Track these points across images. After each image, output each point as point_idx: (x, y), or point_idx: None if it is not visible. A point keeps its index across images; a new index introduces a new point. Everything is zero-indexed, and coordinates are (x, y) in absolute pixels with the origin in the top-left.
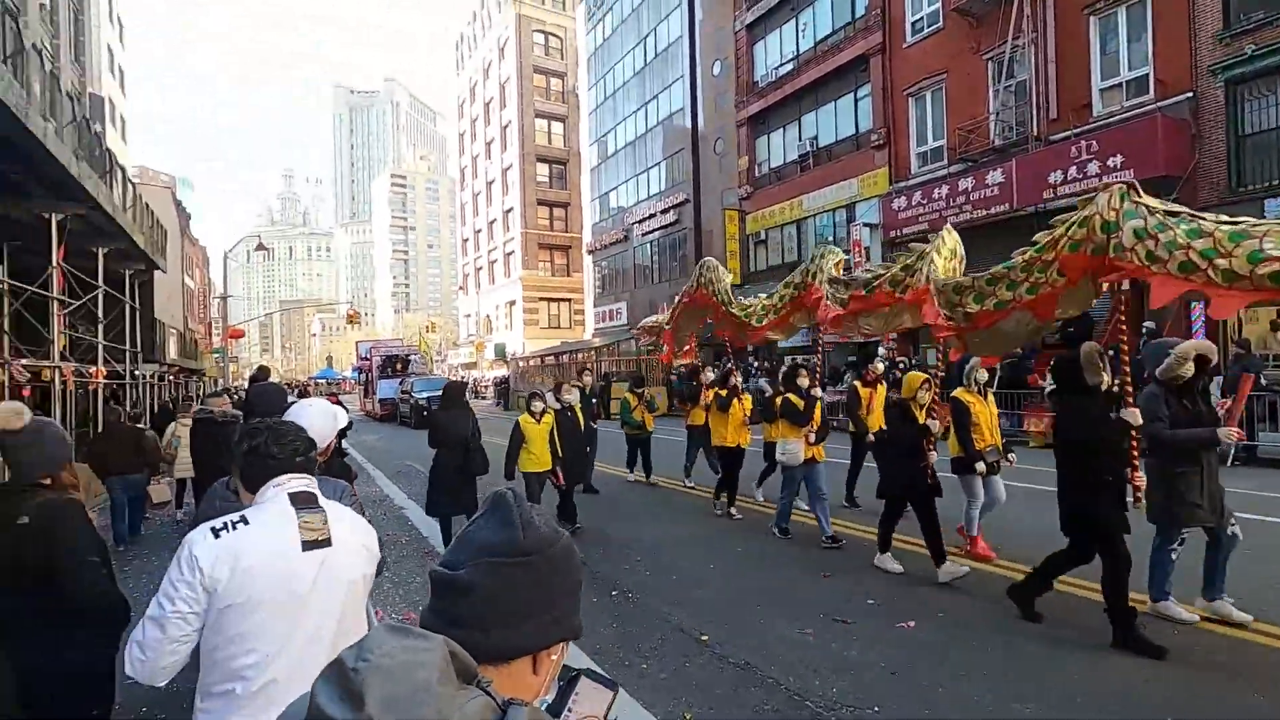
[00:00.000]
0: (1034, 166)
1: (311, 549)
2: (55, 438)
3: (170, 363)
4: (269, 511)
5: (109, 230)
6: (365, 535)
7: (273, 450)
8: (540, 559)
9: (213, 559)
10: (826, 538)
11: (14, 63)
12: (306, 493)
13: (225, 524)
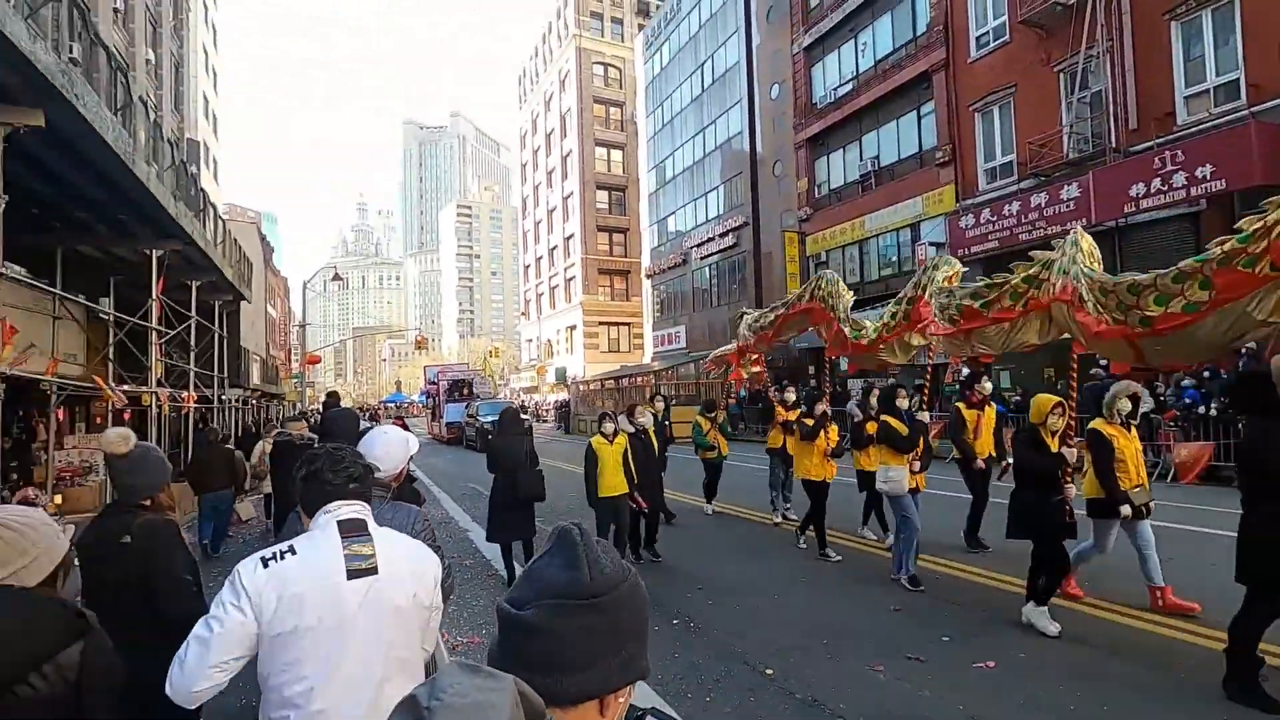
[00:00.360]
0: (1114, 179)
1: (356, 577)
2: (157, 461)
3: (253, 388)
4: (317, 540)
5: (202, 264)
6: (419, 562)
7: (327, 477)
8: (607, 600)
9: (259, 587)
10: (907, 577)
11: (123, 114)
12: (356, 520)
13: (274, 554)
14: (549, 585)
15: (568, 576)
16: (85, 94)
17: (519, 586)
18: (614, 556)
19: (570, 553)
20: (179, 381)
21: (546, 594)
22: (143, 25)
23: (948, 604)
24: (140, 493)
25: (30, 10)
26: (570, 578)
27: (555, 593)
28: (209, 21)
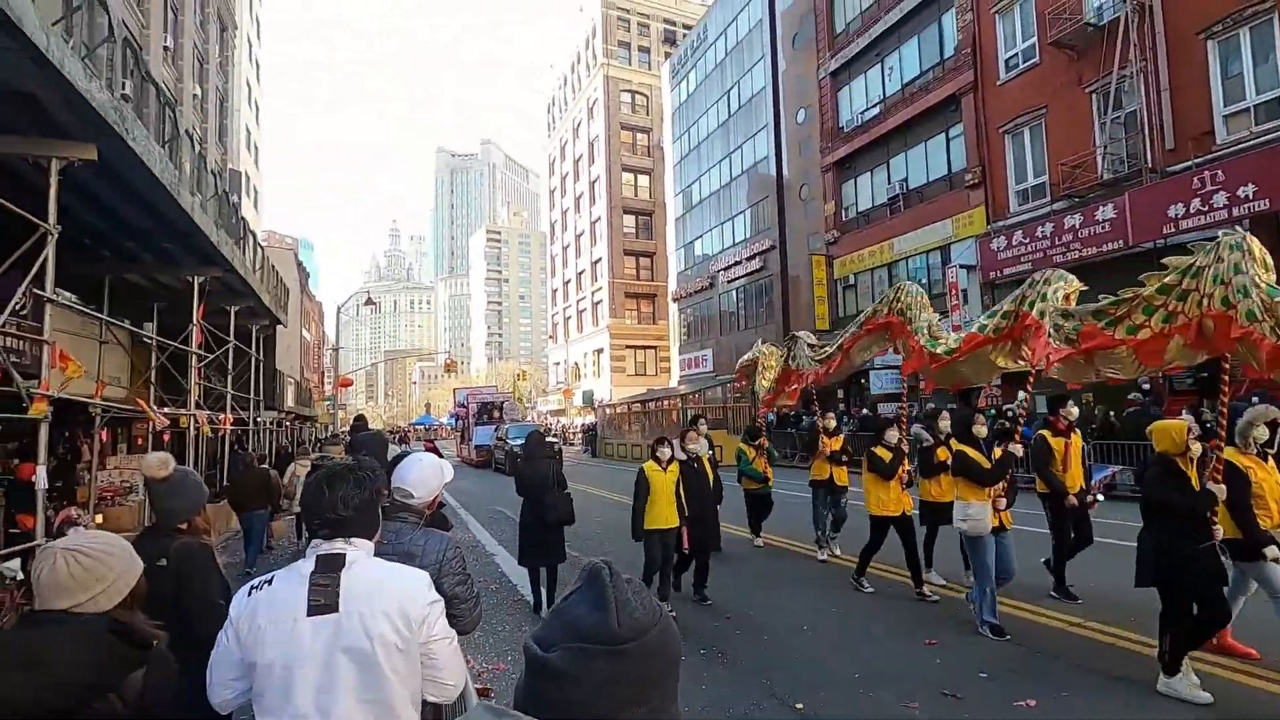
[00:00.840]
0: (1151, 200)
1: (315, 613)
2: (194, 485)
3: (287, 410)
4: (294, 572)
5: (241, 290)
6: (394, 603)
7: (310, 515)
8: (634, 648)
9: (240, 614)
10: (989, 626)
11: (170, 147)
12: (334, 556)
13: (259, 583)
14: (575, 627)
15: (595, 619)
16: (135, 129)
17: (547, 625)
18: (645, 598)
19: (599, 593)
20: (217, 404)
21: (572, 636)
22: (190, 62)
23: (987, 640)
24: (178, 516)
25: (88, 50)
26: (597, 620)
27: (581, 635)
28: (252, 58)
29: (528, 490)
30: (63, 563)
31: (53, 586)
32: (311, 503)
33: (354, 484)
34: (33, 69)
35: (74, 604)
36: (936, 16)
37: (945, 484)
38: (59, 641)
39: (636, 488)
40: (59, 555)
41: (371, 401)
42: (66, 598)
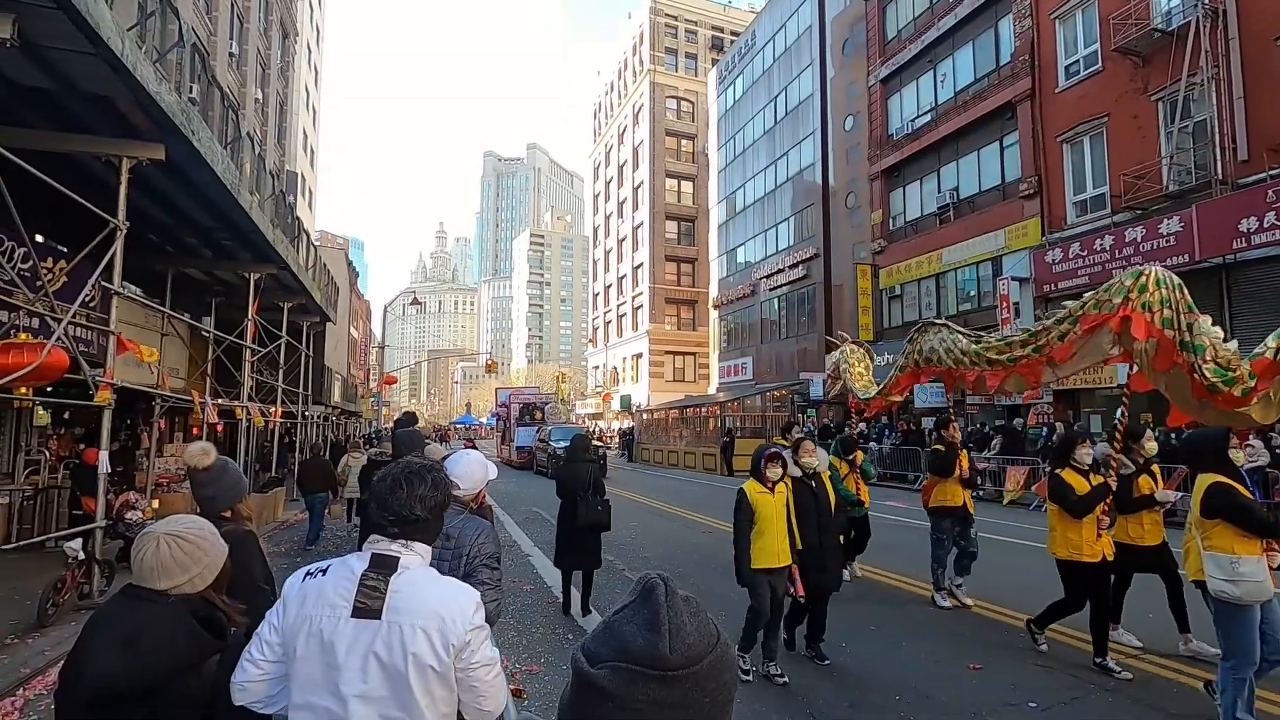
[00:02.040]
0: (1221, 213)
1: (358, 615)
2: (235, 475)
3: (333, 405)
4: (345, 567)
5: (294, 287)
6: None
7: (375, 511)
8: (683, 675)
9: (290, 596)
10: None
11: (232, 148)
12: (388, 557)
13: (315, 570)
14: (625, 647)
15: (645, 641)
16: (201, 130)
17: (598, 638)
18: (701, 621)
19: (652, 613)
20: (268, 397)
21: (621, 655)
22: (253, 68)
23: (1036, 666)
24: (219, 503)
25: (159, 55)
26: (648, 643)
27: (630, 657)
28: (311, 64)
29: (565, 492)
30: (165, 546)
31: (155, 568)
32: (388, 497)
33: (432, 485)
34: (108, 72)
35: (173, 585)
36: (993, 22)
37: (1149, 523)
38: (156, 624)
39: (737, 515)
40: (161, 539)
41: (415, 400)
42: (166, 579)
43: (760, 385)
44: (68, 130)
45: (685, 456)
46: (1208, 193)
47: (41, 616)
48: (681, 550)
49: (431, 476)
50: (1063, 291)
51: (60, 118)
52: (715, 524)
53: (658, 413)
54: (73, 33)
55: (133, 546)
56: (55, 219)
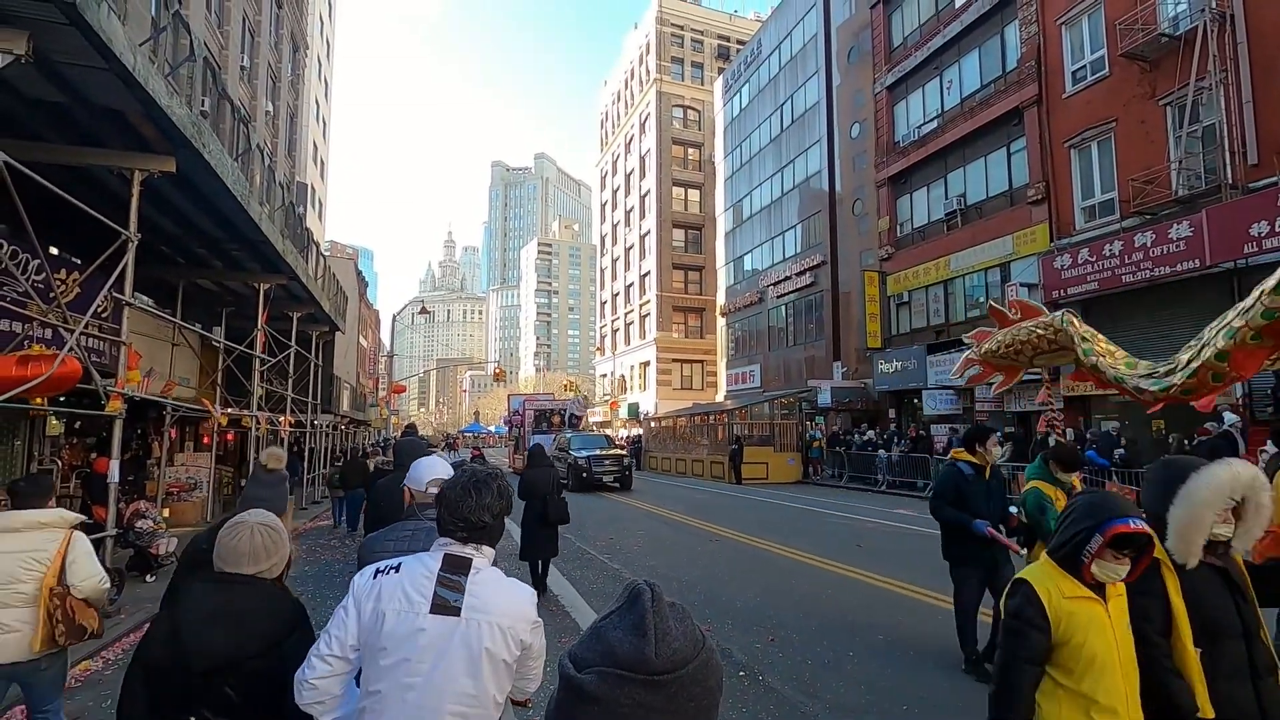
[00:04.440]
0: (1231, 217)
1: (438, 613)
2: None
3: (342, 414)
4: (421, 564)
5: (303, 297)
6: (510, 619)
7: (442, 518)
8: (669, 680)
9: (362, 593)
10: None
11: (243, 161)
12: (462, 559)
13: (385, 567)
14: (611, 651)
15: (632, 645)
16: (211, 143)
17: (585, 643)
18: (687, 627)
19: (639, 618)
20: (277, 406)
21: (608, 660)
22: (264, 81)
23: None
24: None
25: (171, 69)
26: (634, 647)
27: (616, 661)
28: (322, 76)
29: (532, 494)
30: (258, 534)
31: (248, 553)
32: (458, 504)
33: (497, 494)
34: (120, 86)
35: (258, 570)
36: (999, 29)
37: None
38: (255, 600)
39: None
40: (255, 527)
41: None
42: (253, 564)
43: (768, 393)
44: (80, 143)
45: (693, 465)
46: (1217, 197)
47: None
48: (689, 558)
49: (496, 485)
50: (1071, 297)
51: (72, 131)
52: (723, 532)
53: (665, 421)
54: (85, 48)
55: (221, 533)
56: (68, 231)
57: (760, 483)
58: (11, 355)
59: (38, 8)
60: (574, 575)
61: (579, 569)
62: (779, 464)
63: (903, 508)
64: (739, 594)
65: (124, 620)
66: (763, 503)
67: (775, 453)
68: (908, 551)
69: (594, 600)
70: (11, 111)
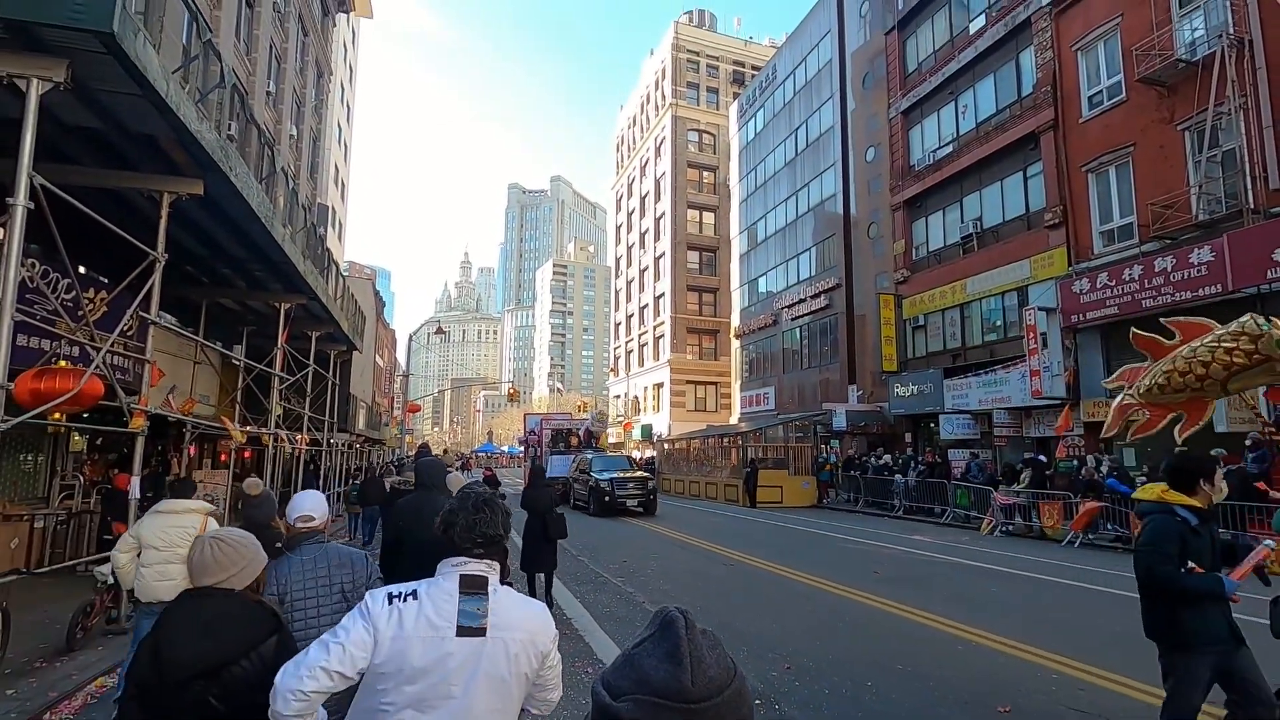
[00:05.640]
0: (1253, 242)
1: (464, 635)
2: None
3: (358, 433)
4: (438, 588)
5: (322, 317)
6: (532, 634)
7: (456, 537)
8: (707, 707)
9: (382, 620)
10: None
11: (267, 183)
12: (479, 577)
13: (400, 593)
14: (646, 679)
15: (667, 673)
16: (238, 166)
17: (618, 670)
18: (720, 654)
19: (673, 645)
20: (294, 424)
21: (643, 688)
22: (289, 105)
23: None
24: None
25: (201, 95)
26: (670, 674)
27: (652, 689)
28: (344, 100)
29: (533, 511)
30: (209, 548)
31: (200, 566)
32: (473, 521)
33: (503, 511)
34: (153, 112)
35: (218, 580)
36: (1013, 54)
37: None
38: (227, 609)
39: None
40: (207, 542)
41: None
42: (209, 576)
43: (783, 415)
44: (113, 167)
45: (707, 487)
46: (1239, 222)
47: (70, 640)
48: (703, 582)
49: (499, 504)
50: (1091, 322)
51: (106, 155)
52: (737, 556)
53: (679, 443)
54: (121, 76)
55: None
56: (96, 250)
57: (775, 506)
58: (37, 370)
59: (78, 37)
60: (588, 599)
61: (593, 592)
62: (794, 488)
63: (919, 533)
64: (754, 620)
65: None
66: (778, 527)
67: (790, 476)
68: (925, 578)
69: (608, 624)
70: (49, 136)
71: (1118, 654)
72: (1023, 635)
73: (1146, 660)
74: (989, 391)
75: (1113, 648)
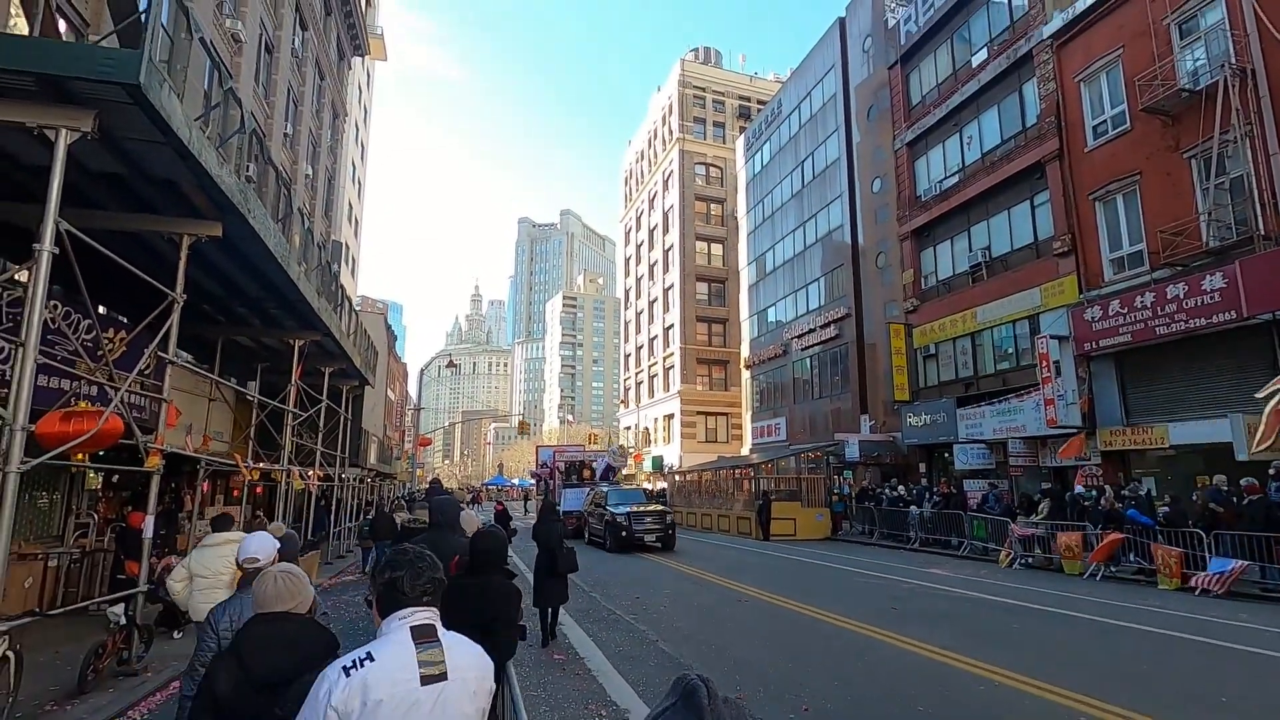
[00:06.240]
0: (1266, 269)
1: (429, 683)
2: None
3: (369, 467)
4: (392, 644)
5: (335, 353)
6: (482, 669)
7: (404, 588)
8: None
9: (345, 696)
10: None
11: (284, 223)
12: (428, 626)
13: (354, 661)
14: None
15: None
16: (256, 209)
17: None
18: (742, 715)
19: (696, 713)
20: (306, 460)
21: None
22: (305, 146)
23: None
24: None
25: (221, 141)
26: None
27: None
28: (359, 140)
29: (542, 546)
30: (281, 581)
31: (276, 595)
32: (422, 571)
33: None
34: (176, 159)
35: (289, 607)
36: (1016, 86)
37: None
38: (307, 630)
39: None
40: (278, 576)
41: (447, 460)
42: (282, 604)
43: (794, 446)
44: (135, 210)
45: (719, 520)
46: (1250, 248)
47: (81, 682)
48: (717, 620)
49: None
50: (1104, 350)
51: (127, 198)
52: (752, 592)
53: (690, 474)
54: (146, 125)
55: (254, 583)
56: (114, 289)
57: (788, 539)
58: (58, 412)
59: (105, 89)
60: (600, 637)
61: (605, 630)
62: (807, 520)
63: (937, 567)
64: (771, 659)
65: (150, 679)
66: (792, 560)
67: (803, 508)
68: (945, 614)
69: (621, 664)
70: (74, 182)
71: (1148, 698)
72: (1049, 675)
73: (1182, 700)
74: (1003, 420)
75: (1143, 690)
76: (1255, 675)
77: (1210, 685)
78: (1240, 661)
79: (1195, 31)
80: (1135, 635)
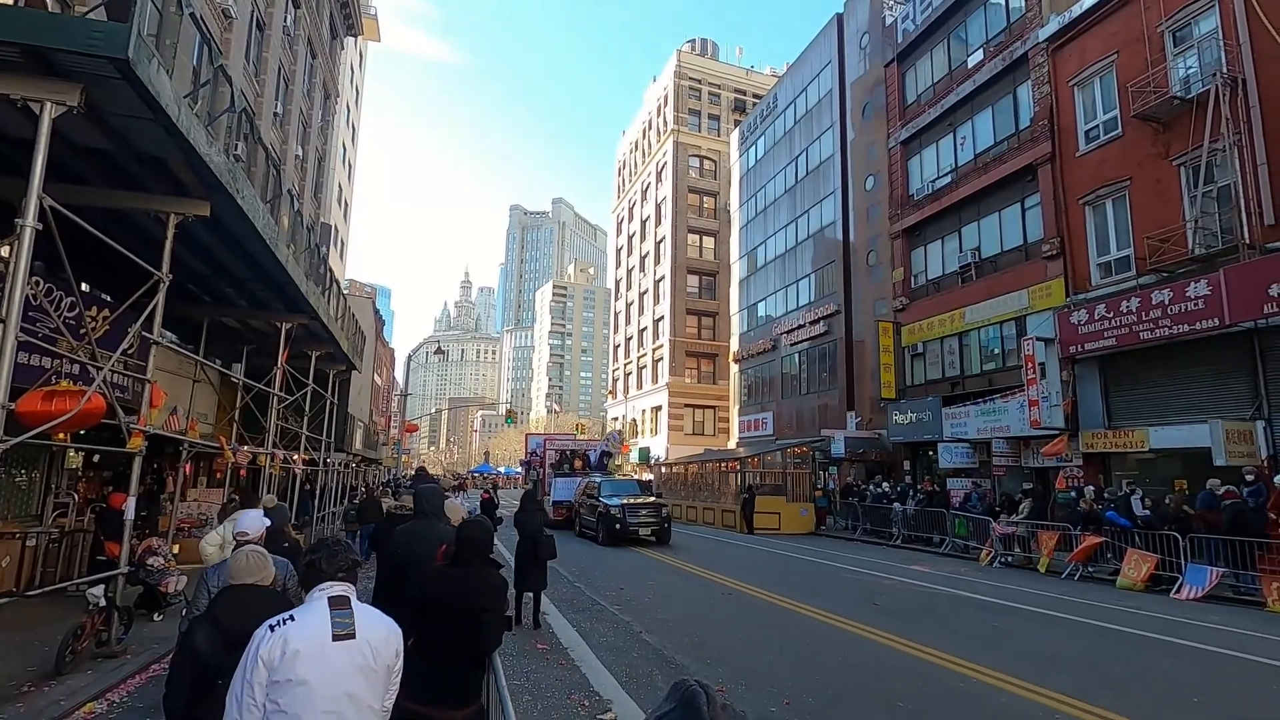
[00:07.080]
0: (1250, 277)
1: (340, 640)
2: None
3: (355, 452)
4: (311, 610)
5: (323, 336)
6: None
7: (323, 566)
8: None
9: (269, 648)
10: None
11: (273, 204)
12: (342, 596)
13: (279, 621)
14: None
15: None
16: (245, 188)
17: None
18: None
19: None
20: (291, 443)
21: None
22: (296, 127)
23: None
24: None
25: (210, 119)
26: None
27: None
28: (350, 122)
29: (523, 534)
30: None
31: (246, 569)
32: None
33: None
34: (164, 136)
35: (256, 580)
36: (1011, 89)
37: None
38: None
39: None
40: (249, 553)
41: (434, 447)
42: (250, 577)
43: (781, 441)
44: (121, 187)
45: (704, 513)
46: (1234, 256)
47: (59, 664)
48: (701, 612)
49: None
50: (1089, 353)
51: (114, 174)
52: (735, 585)
53: (676, 466)
54: (134, 100)
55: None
56: (98, 268)
57: (772, 533)
58: (40, 391)
59: (93, 63)
60: (584, 628)
61: (589, 621)
62: (791, 514)
63: (918, 563)
64: (754, 653)
65: (129, 661)
66: (776, 555)
67: (788, 503)
68: (925, 611)
69: (605, 654)
70: (59, 156)
71: (1127, 700)
72: (1027, 674)
73: (1154, 701)
74: (988, 420)
75: (1121, 690)
76: (1224, 677)
77: (1184, 686)
78: (1209, 662)
79: (1189, 39)
80: (1111, 635)
